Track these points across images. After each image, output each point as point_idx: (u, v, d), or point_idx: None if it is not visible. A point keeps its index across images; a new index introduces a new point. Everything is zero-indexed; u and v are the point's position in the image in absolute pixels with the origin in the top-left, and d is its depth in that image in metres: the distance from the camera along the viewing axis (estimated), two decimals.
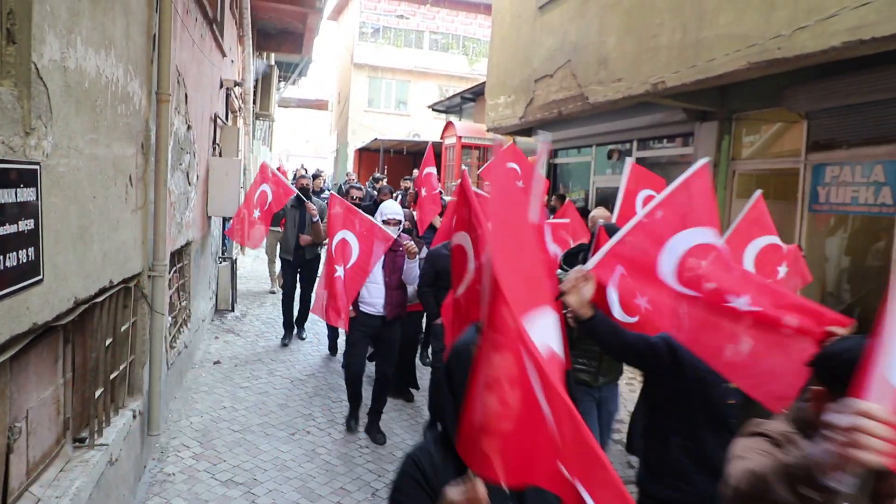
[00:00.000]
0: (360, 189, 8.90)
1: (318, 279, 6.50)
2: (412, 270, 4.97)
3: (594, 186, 9.91)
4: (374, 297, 4.95)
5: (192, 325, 6.12)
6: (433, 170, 7.99)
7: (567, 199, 8.32)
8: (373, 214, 5.70)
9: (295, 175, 13.20)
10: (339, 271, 4.80)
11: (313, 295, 6.20)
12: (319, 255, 7.43)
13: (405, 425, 5.29)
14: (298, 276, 7.52)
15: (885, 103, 4.99)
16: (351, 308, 4.87)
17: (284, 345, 7.30)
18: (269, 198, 7.03)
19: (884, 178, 5.12)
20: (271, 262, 10.28)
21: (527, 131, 10.98)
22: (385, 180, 13.96)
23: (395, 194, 9.74)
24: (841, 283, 5.86)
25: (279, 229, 9.01)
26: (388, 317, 4.97)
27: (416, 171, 18.14)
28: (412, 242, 4.91)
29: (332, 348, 7.21)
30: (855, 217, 5.56)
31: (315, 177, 11.74)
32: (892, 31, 3.87)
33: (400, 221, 5.09)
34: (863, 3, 4.03)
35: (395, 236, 4.94)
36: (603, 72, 7.14)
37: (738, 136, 6.75)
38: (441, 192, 7.93)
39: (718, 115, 6.74)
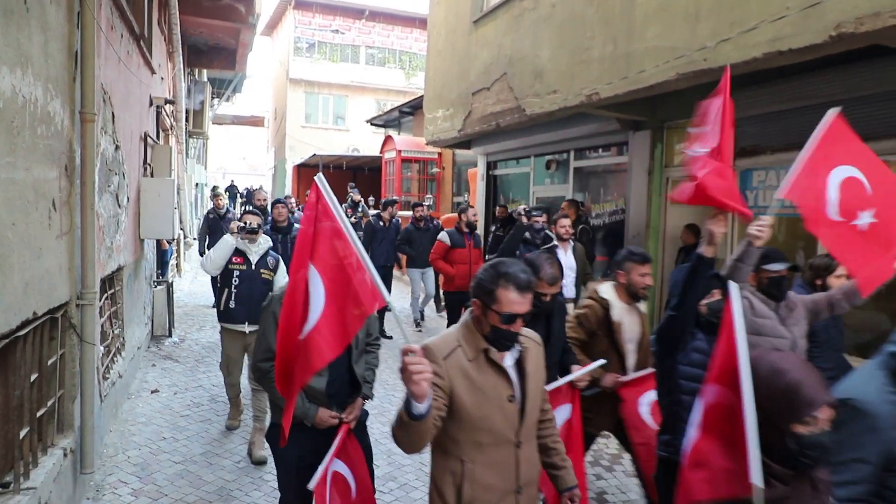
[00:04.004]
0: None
1: None
2: None
3: (534, 196, 10.06)
4: None
5: (127, 353, 5.85)
6: None
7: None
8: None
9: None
10: None
11: None
12: None
13: None
14: None
15: (805, 110, 5.27)
16: None
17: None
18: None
19: None
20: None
21: (466, 144, 11.07)
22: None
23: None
24: None
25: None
26: None
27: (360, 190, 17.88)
28: None
29: None
30: (781, 219, 5.82)
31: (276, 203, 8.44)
32: (806, 43, 4.09)
33: None
34: (779, 16, 4.25)
35: None
36: (538, 84, 7.27)
37: (670, 144, 6.98)
38: None
39: (650, 124, 6.97)
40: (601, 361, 3.42)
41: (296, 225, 7.66)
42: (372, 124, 20.96)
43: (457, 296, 7.05)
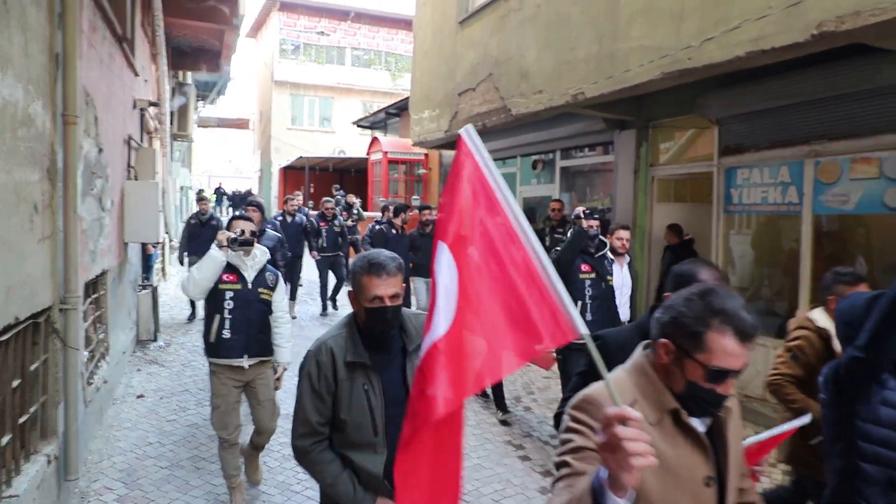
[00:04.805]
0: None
1: None
2: None
3: (521, 196, 10.08)
4: None
5: (112, 358, 5.79)
6: None
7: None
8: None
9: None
10: None
11: None
12: None
13: None
14: None
15: (787, 108, 5.32)
16: None
17: None
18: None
19: (789, 178, 5.43)
20: None
21: (452, 144, 11.07)
22: None
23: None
24: (755, 277, 6.16)
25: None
26: None
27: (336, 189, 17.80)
28: None
29: None
30: (765, 216, 5.87)
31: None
32: (789, 42, 4.13)
33: None
34: (762, 15, 4.28)
35: None
36: (524, 84, 7.28)
37: (655, 143, 7.03)
38: None
39: (636, 123, 7.00)
40: (806, 418, 2.48)
41: (270, 232, 6.50)
42: (358, 126, 20.92)
43: None
